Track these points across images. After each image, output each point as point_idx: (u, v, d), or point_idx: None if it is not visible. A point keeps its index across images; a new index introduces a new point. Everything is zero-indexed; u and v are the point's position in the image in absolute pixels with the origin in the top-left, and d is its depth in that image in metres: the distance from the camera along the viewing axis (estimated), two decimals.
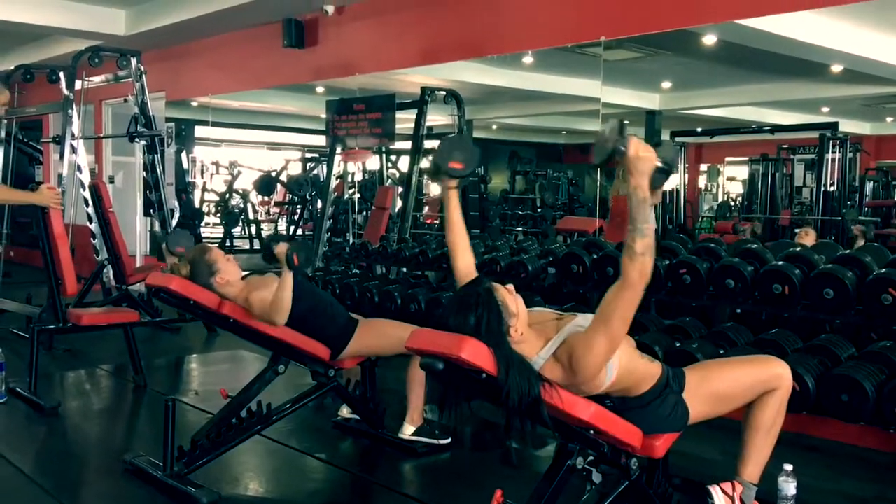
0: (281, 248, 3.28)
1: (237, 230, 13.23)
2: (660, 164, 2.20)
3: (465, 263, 2.66)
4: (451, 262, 2.69)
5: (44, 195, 4.46)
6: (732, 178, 13.00)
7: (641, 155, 2.17)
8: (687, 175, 10.00)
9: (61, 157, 7.23)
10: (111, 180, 9.38)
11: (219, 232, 13.06)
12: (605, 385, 2.33)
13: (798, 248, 4.31)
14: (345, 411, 4.01)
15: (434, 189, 10.64)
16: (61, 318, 4.80)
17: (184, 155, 10.93)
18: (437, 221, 9.94)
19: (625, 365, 2.36)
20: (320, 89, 8.51)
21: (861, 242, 5.06)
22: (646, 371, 2.44)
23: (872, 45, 5.46)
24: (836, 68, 6.51)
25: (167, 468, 3.19)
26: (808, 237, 5.30)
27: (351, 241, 7.93)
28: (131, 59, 6.92)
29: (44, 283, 4.89)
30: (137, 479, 3.30)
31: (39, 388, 4.46)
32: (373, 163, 10.38)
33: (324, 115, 7.74)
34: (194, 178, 12.19)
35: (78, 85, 7.18)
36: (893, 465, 3.53)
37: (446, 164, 2.61)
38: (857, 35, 5.31)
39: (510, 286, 2.37)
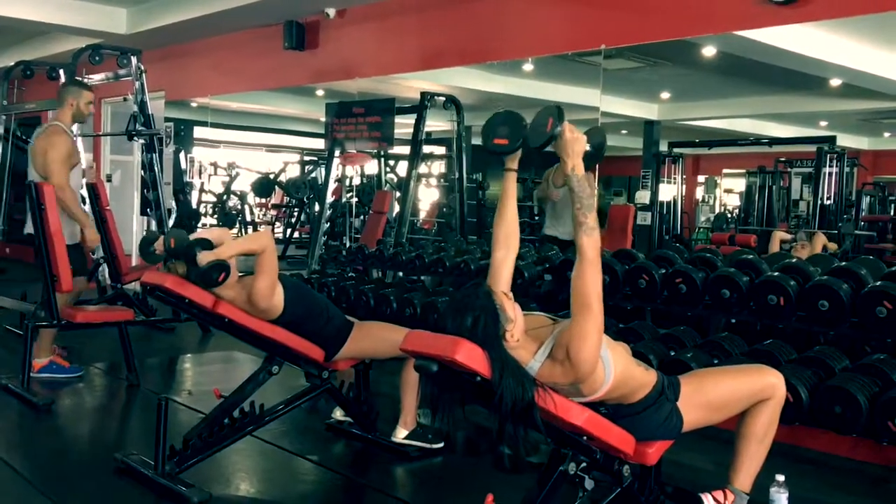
0: (226, 251, 3.24)
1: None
2: (588, 149, 2.42)
3: (502, 256, 2.52)
4: (491, 247, 2.55)
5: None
6: (730, 190, 13.06)
7: (576, 137, 2.37)
8: (684, 186, 10.03)
9: None
10: (109, 179, 9.37)
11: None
12: (601, 390, 2.33)
13: (794, 260, 4.32)
14: (338, 413, 4.01)
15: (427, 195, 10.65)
16: (55, 316, 4.79)
17: (182, 155, 10.92)
18: (433, 227, 9.96)
19: (622, 372, 2.36)
20: (320, 92, 8.52)
21: (803, 253, 5.07)
22: (642, 379, 2.45)
23: (871, 60, 5.49)
24: (835, 82, 6.54)
25: (158, 467, 3.18)
26: (804, 249, 5.31)
27: (348, 245, 7.93)
28: (132, 57, 6.91)
29: (39, 279, 4.87)
30: (129, 478, 3.29)
31: (32, 386, 4.44)
32: (371, 167, 10.38)
33: (323, 119, 7.75)
34: (192, 178, 12.17)
35: None
36: (885, 477, 3.53)
37: (490, 142, 2.55)
38: (856, 50, 5.34)
39: (509, 293, 2.37)
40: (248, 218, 13.19)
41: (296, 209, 12.97)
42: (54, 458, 3.63)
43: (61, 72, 7.21)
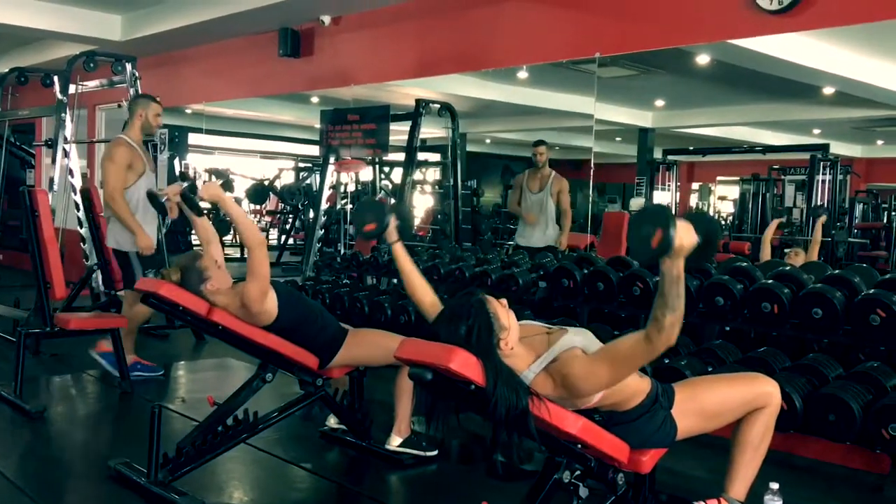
0: (211, 188, 3.41)
1: (228, 238, 13.20)
2: (698, 241, 2.11)
3: (430, 302, 2.78)
4: (417, 307, 2.84)
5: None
6: (723, 198, 13.09)
7: (686, 245, 2.08)
8: (679, 193, 10.05)
9: (53, 160, 7.22)
10: (102, 185, 9.34)
11: None
12: (594, 399, 2.33)
13: (787, 268, 4.33)
14: (332, 421, 4.00)
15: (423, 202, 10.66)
16: (49, 322, 4.78)
17: (176, 161, 10.90)
18: (428, 234, 9.96)
19: None
20: (315, 99, 8.53)
21: (798, 261, 5.10)
22: (636, 386, 2.45)
23: (864, 69, 5.52)
24: (828, 91, 6.57)
25: (151, 475, 3.16)
26: (797, 257, 5.32)
27: (342, 252, 7.92)
28: (126, 64, 6.91)
29: (32, 286, 4.86)
30: (121, 486, 3.27)
31: (25, 393, 4.42)
32: (366, 174, 10.38)
33: (318, 125, 7.75)
34: None
35: (72, 89, 7.18)
36: (879, 485, 3.53)
37: (362, 229, 2.95)
38: (849, 58, 5.37)
39: (503, 300, 2.37)
40: (240, 236, 13.15)
41: (290, 216, 12.96)
42: (47, 465, 3.61)
43: (56, 78, 7.20)
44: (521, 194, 6.74)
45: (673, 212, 2.11)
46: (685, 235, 2.06)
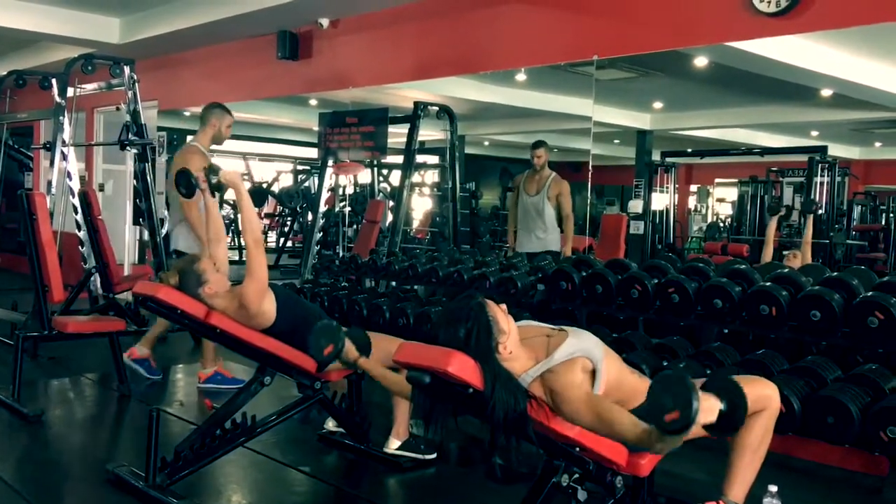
0: (233, 175, 3.46)
1: (227, 240, 13.19)
2: (722, 408, 2.04)
3: None
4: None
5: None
6: (722, 200, 13.08)
7: (705, 420, 2.01)
8: (677, 195, 10.05)
9: (51, 163, 7.21)
10: (101, 188, 9.35)
11: None
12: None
13: (786, 270, 4.33)
14: (330, 424, 3.99)
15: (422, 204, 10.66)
16: (47, 326, 4.77)
17: None
18: (426, 236, 9.95)
19: (613, 379, 2.36)
20: (313, 102, 8.52)
21: (797, 263, 5.11)
22: (636, 386, 2.45)
23: (862, 71, 5.52)
24: (826, 93, 6.57)
25: (149, 479, 3.16)
26: (795, 260, 5.33)
27: (340, 254, 7.92)
28: (124, 67, 6.91)
29: (30, 289, 4.85)
30: (119, 490, 3.27)
31: (23, 396, 4.42)
32: (364, 176, 10.38)
33: (316, 128, 7.75)
34: None
35: (70, 92, 7.17)
36: (878, 487, 3.53)
37: (319, 356, 3.02)
38: (847, 60, 5.37)
39: (503, 305, 2.37)
40: (241, 227, 13.15)
41: (289, 218, 12.96)
42: (44, 469, 3.61)
43: (54, 81, 7.20)
44: (518, 197, 6.62)
45: (694, 384, 2.00)
46: (705, 413, 1.98)
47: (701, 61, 5.76)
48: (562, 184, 6.40)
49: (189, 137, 5.32)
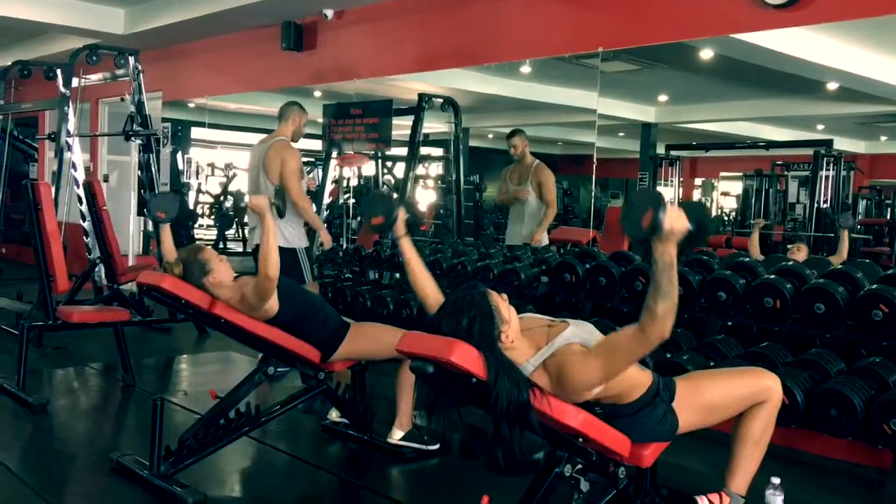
0: (260, 201, 3.37)
1: (231, 232, 13.21)
2: (690, 228, 2.14)
3: (434, 298, 2.77)
4: (421, 302, 2.81)
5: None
6: (726, 193, 13.06)
7: (677, 228, 2.09)
8: (682, 189, 10.02)
9: (56, 154, 7.22)
10: (106, 179, 9.36)
11: (212, 234, 13.05)
12: (594, 392, 2.33)
13: (790, 263, 4.32)
14: (334, 415, 4.00)
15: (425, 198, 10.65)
16: (51, 316, 4.79)
17: (179, 156, 10.90)
18: (430, 229, 9.95)
19: None
20: (317, 93, 8.51)
21: (801, 256, 5.08)
22: (637, 378, 2.45)
23: (868, 64, 5.49)
24: (832, 86, 6.54)
25: (154, 467, 3.17)
26: (800, 253, 5.31)
27: (344, 246, 7.93)
28: (129, 57, 6.91)
29: (35, 279, 4.87)
30: (124, 478, 3.29)
31: (28, 385, 4.44)
32: (368, 168, 10.37)
33: (320, 120, 7.74)
34: (189, 179, 12.16)
35: (75, 82, 7.17)
36: (881, 480, 3.53)
37: (370, 222, 2.94)
38: (853, 53, 5.34)
39: (504, 295, 2.37)
40: (245, 219, 13.17)
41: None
42: (49, 458, 3.62)
43: (59, 72, 7.20)
44: (506, 188, 6.41)
45: (666, 199, 2.14)
46: (676, 219, 2.08)
47: (706, 54, 5.74)
48: (543, 172, 6.19)
49: (261, 136, 5.38)
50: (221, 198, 13.22)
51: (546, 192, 6.15)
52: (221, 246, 12.37)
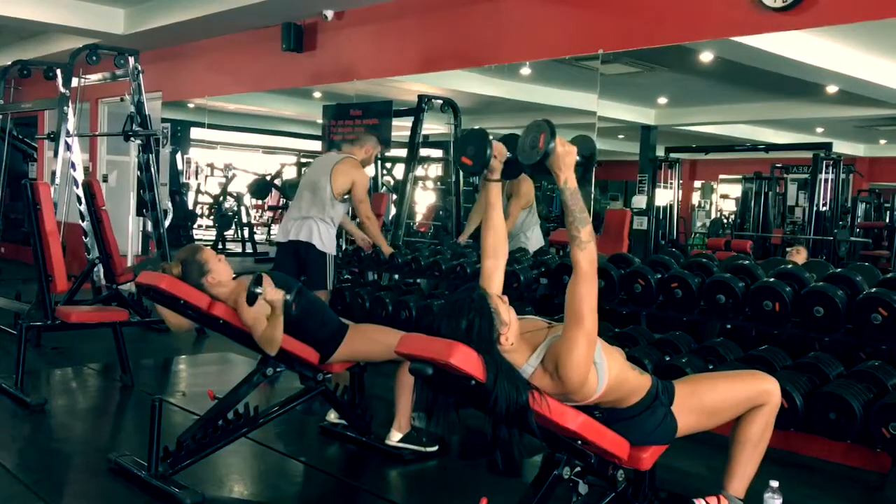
0: (277, 295, 3.20)
1: (230, 233, 13.21)
2: (580, 158, 2.39)
3: (492, 263, 2.53)
4: (481, 260, 2.56)
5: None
6: (726, 196, 13.08)
7: (567, 150, 2.31)
8: (681, 191, 10.03)
9: (56, 154, 7.21)
10: (105, 179, 9.36)
11: (212, 234, 13.05)
12: (595, 395, 2.33)
13: (789, 266, 4.32)
14: (332, 416, 4.00)
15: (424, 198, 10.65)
16: (50, 316, 4.78)
17: (179, 156, 10.91)
18: (429, 230, 9.95)
19: (615, 376, 2.36)
20: (317, 94, 8.51)
21: (800, 259, 5.08)
22: (636, 383, 2.45)
23: (867, 67, 5.50)
24: (831, 89, 6.55)
25: (152, 468, 3.17)
26: (799, 255, 5.32)
27: (343, 247, 7.92)
28: (129, 58, 6.91)
29: (34, 279, 4.86)
30: (122, 479, 3.28)
31: (26, 385, 4.44)
32: (368, 169, 10.36)
33: (320, 120, 7.74)
34: (188, 179, 12.17)
35: (74, 82, 7.18)
36: (879, 484, 3.53)
37: (458, 159, 2.66)
38: (853, 57, 5.35)
39: (504, 297, 2.37)
40: (245, 219, 13.18)
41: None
42: (47, 458, 3.62)
43: (58, 71, 7.20)
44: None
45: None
46: (566, 144, 2.32)
47: (706, 56, 5.74)
48: (524, 182, 5.85)
49: (335, 151, 5.49)
50: (221, 198, 13.22)
51: (524, 194, 5.87)
52: (220, 246, 12.37)
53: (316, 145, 8.83)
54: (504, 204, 5.84)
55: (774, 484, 2.66)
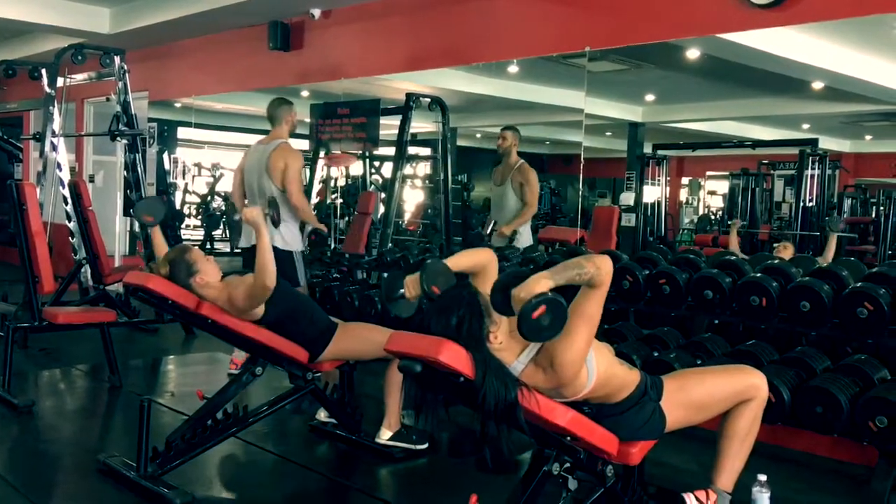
0: (254, 213, 3.33)
1: (218, 232, 13.16)
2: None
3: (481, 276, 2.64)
4: None
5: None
6: (713, 192, 13.11)
7: (521, 293, 2.16)
8: (668, 188, 10.06)
9: (41, 154, 7.17)
10: (91, 179, 9.31)
11: (199, 234, 13.00)
12: (585, 390, 2.34)
13: (776, 261, 4.35)
14: (322, 415, 4.00)
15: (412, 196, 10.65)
16: (37, 317, 4.76)
17: (165, 156, 10.85)
18: (418, 228, 9.96)
19: (604, 371, 2.37)
20: (305, 93, 8.49)
21: (787, 255, 5.12)
22: (625, 378, 2.46)
23: (853, 64, 5.53)
24: (817, 85, 6.58)
25: (141, 469, 3.16)
26: (786, 251, 5.35)
27: (332, 246, 7.91)
28: (115, 57, 6.87)
29: (20, 280, 4.83)
30: (110, 480, 3.27)
31: (13, 387, 4.41)
32: (356, 168, 10.36)
33: (308, 119, 7.72)
34: (176, 179, 12.12)
35: (60, 82, 7.13)
36: (866, 477, 3.56)
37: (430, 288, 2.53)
38: (839, 53, 5.38)
39: None
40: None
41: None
42: (36, 459, 3.60)
43: (43, 71, 7.15)
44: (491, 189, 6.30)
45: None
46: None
47: (693, 53, 5.76)
48: (526, 172, 6.07)
49: (258, 138, 5.38)
50: (208, 198, 13.17)
51: (528, 192, 6.06)
52: (209, 246, 12.32)
53: (304, 144, 8.81)
54: (516, 190, 6.03)
55: (762, 478, 2.68)
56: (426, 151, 9.32)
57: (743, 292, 4.08)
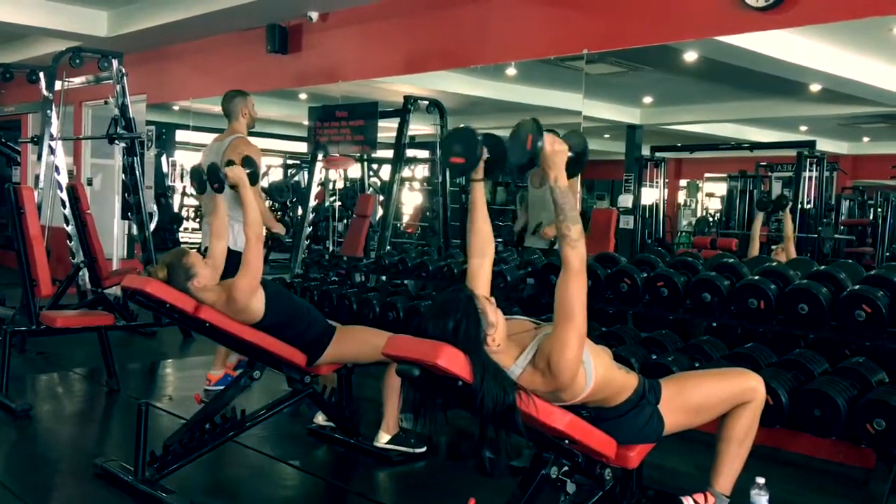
0: (237, 171, 3.53)
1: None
2: (571, 155, 2.38)
3: (478, 262, 2.58)
4: (468, 259, 2.60)
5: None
6: (711, 194, 13.12)
7: (557, 149, 2.32)
8: (666, 190, 10.06)
9: (39, 157, 7.18)
10: (89, 182, 9.31)
11: (197, 237, 12.98)
12: (583, 394, 2.34)
13: (774, 264, 4.35)
14: (320, 418, 3.99)
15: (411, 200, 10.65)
16: (35, 321, 4.75)
17: (164, 159, 10.86)
18: (416, 231, 9.96)
19: (602, 375, 2.37)
20: (303, 96, 8.50)
21: (783, 257, 5.12)
22: (623, 381, 2.46)
23: (850, 66, 5.54)
24: (815, 87, 6.59)
25: (139, 473, 3.15)
26: (783, 254, 5.35)
27: (331, 249, 7.91)
28: (113, 60, 6.87)
29: (18, 284, 4.83)
30: (108, 484, 3.26)
31: (11, 391, 4.41)
32: (354, 170, 10.36)
33: (306, 122, 7.73)
34: (174, 182, 12.12)
35: (58, 85, 7.13)
36: (864, 480, 3.56)
37: (447, 159, 2.61)
38: (836, 55, 5.39)
39: (491, 298, 2.38)
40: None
41: (279, 213, 12.90)
42: (33, 464, 3.60)
43: (41, 75, 7.16)
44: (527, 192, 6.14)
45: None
46: (555, 142, 2.32)
47: (690, 56, 5.77)
48: None
49: (215, 136, 5.31)
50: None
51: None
52: (206, 249, 12.30)
53: (302, 147, 8.81)
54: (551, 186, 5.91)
55: (761, 480, 2.68)
56: (424, 154, 9.33)
57: (741, 295, 4.08)
